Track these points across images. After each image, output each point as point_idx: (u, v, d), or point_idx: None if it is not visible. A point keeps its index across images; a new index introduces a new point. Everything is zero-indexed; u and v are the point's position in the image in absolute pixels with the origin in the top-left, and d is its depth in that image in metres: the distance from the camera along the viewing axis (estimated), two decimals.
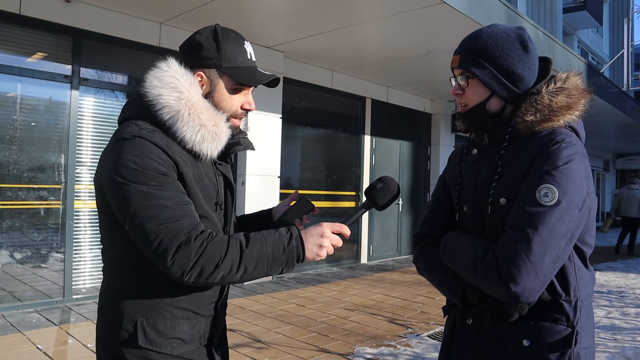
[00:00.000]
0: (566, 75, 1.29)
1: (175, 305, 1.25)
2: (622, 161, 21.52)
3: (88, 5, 5.03)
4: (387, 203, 1.41)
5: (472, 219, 1.35)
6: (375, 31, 5.86)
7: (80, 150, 5.13)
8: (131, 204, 1.13)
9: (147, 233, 1.12)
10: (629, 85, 15.01)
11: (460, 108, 1.38)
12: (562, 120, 1.24)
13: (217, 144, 1.26)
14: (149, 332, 1.22)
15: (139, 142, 1.16)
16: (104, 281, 1.33)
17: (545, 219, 1.12)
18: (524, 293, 1.12)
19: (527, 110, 1.25)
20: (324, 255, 1.24)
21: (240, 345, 3.94)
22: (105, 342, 1.27)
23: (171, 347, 1.24)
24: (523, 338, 1.23)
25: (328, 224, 1.26)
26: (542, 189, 1.14)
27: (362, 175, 8.45)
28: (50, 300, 4.93)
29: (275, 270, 1.20)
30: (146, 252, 1.15)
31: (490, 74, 1.28)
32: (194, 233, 1.14)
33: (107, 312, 1.28)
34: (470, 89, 1.31)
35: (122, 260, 1.26)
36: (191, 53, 1.29)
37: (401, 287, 6.55)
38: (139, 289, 1.24)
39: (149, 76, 1.25)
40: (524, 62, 1.28)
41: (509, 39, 1.29)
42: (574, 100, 1.25)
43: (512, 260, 1.12)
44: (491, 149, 1.33)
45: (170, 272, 1.12)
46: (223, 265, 1.13)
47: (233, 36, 1.30)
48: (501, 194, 1.24)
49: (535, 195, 1.14)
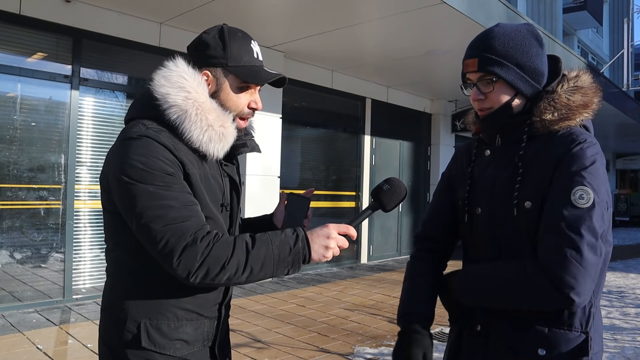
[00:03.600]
0: (576, 74, 1.28)
1: (179, 306, 1.25)
2: (622, 161, 21.51)
3: (88, 5, 5.03)
4: (394, 206, 1.39)
5: (487, 222, 1.30)
6: (375, 31, 5.86)
7: (80, 150, 5.13)
8: (138, 204, 1.12)
9: (154, 233, 1.12)
10: (629, 85, 15.01)
11: (480, 113, 1.31)
12: (579, 118, 1.23)
13: (223, 145, 1.26)
14: (152, 333, 1.21)
15: (145, 141, 1.16)
16: (108, 281, 1.32)
17: (587, 222, 1.10)
18: (584, 299, 1.11)
19: (546, 109, 1.23)
20: (330, 257, 1.23)
21: (240, 345, 3.94)
22: (108, 342, 1.27)
23: (174, 349, 1.24)
24: (538, 347, 1.20)
25: (334, 225, 1.25)
26: (577, 191, 1.12)
27: (362, 175, 8.45)
28: (50, 300, 4.93)
29: (282, 271, 1.19)
30: (152, 253, 1.15)
31: (514, 73, 1.24)
32: (200, 234, 1.13)
33: (110, 313, 1.27)
34: (496, 92, 1.26)
35: (125, 261, 1.26)
36: (197, 52, 1.28)
37: (401, 287, 6.53)
38: (142, 289, 1.23)
39: (156, 75, 1.24)
40: (541, 57, 1.27)
41: (524, 36, 1.26)
42: (589, 99, 1.25)
43: (565, 269, 1.09)
44: (507, 149, 1.29)
45: (176, 273, 1.12)
46: (229, 266, 1.13)
47: (240, 35, 1.29)
48: (526, 197, 1.20)
49: (570, 198, 1.12)
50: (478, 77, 1.27)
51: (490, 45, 1.25)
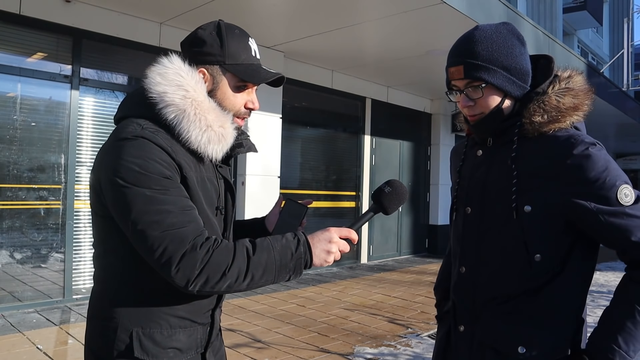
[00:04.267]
0: (568, 74, 1.27)
1: (172, 314, 1.20)
2: (622, 161, 21.48)
3: (88, 5, 5.03)
4: (396, 209, 1.37)
5: (477, 221, 1.31)
6: (375, 31, 5.86)
7: (80, 150, 5.13)
8: (133, 208, 1.06)
9: (151, 240, 1.06)
10: (629, 85, 15.01)
11: (471, 118, 1.29)
12: (569, 120, 1.23)
13: (222, 146, 1.21)
14: (145, 342, 1.16)
15: (141, 142, 1.10)
16: (95, 288, 1.25)
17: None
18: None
19: (535, 112, 1.22)
20: (332, 261, 1.20)
21: (240, 345, 3.94)
22: (97, 353, 1.21)
23: (168, 358, 1.19)
24: (518, 345, 1.21)
25: (335, 229, 1.21)
26: (621, 191, 1.14)
27: (362, 175, 8.45)
28: (50, 301, 4.93)
29: (283, 277, 1.15)
30: (149, 260, 1.09)
31: (502, 76, 1.22)
32: (199, 240, 1.08)
33: (99, 322, 1.21)
34: (485, 97, 1.24)
35: (116, 267, 1.19)
36: (193, 49, 1.23)
37: (401, 287, 6.55)
38: (134, 297, 1.18)
39: (151, 72, 1.18)
40: (525, 56, 1.26)
41: (505, 37, 1.25)
42: (580, 101, 1.24)
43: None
44: (499, 150, 1.28)
45: (175, 282, 1.07)
46: (230, 274, 1.09)
47: (237, 32, 1.24)
48: (525, 201, 1.20)
49: (618, 201, 1.14)
50: (465, 84, 1.25)
51: (474, 50, 1.23)
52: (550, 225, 1.19)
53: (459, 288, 1.36)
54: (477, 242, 1.31)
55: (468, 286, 1.32)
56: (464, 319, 1.33)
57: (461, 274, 1.35)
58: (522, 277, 1.22)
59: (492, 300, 1.26)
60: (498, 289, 1.25)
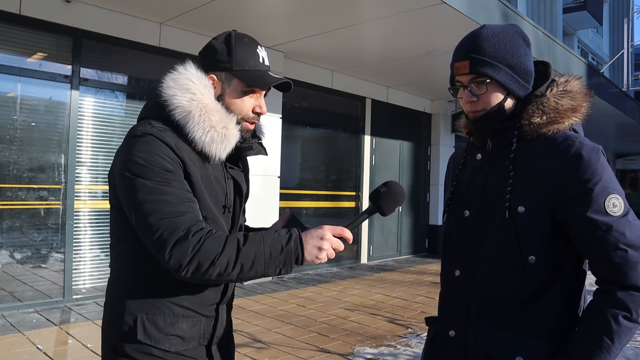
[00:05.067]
0: (565, 79, 1.29)
1: (176, 302, 1.27)
2: (622, 161, 21.52)
3: (88, 5, 5.03)
4: (392, 211, 1.37)
5: (475, 224, 1.31)
6: (375, 31, 5.86)
7: (80, 150, 5.13)
8: (136, 197, 1.17)
9: (149, 226, 1.16)
10: (629, 85, 15.02)
11: (473, 114, 1.30)
12: (568, 122, 1.24)
13: (225, 146, 1.28)
14: (148, 327, 1.24)
15: (149, 139, 1.21)
16: (111, 276, 1.36)
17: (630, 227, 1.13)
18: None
19: (534, 113, 1.23)
20: (324, 259, 1.22)
21: (240, 345, 3.94)
22: (109, 338, 1.30)
23: (169, 344, 1.26)
24: (515, 355, 1.20)
25: (329, 226, 1.24)
26: (610, 199, 1.13)
27: (362, 175, 8.45)
28: (50, 301, 4.93)
29: (273, 270, 1.20)
30: (147, 245, 1.19)
31: (506, 74, 1.24)
32: (193, 229, 1.16)
33: (111, 307, 1.32)
34: (488, 94, 1.26)
35: (127, 256, 1.30)
36: (205, 57, 1.34)
37: (401, 287, 6.55)
38: (141, 284, 1.27)
39: (166, 78, 1.30)
40: (529, 57, 1.28)
41: (512, 36, 1.27)
42: (578, 103, 1.25)
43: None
44: (498, 154, 1.29)
45: (168, 266, 1.15)
46: (219, 262, 1.15)
47: (246, 40, 1.33)
48: (519, 202, 1.20)
49: (604, 209, 1.13)
50: (469, 80, 1.27)
51: (480, 46, 1.25)
52: (543, 227, 1.19)
53: (451, 291, 1.36)
54: (473, 246, 1.30)
55: (462, 290, 1.32)
56: (455, 323, 1.32)
57: (455, 277, 1.34)
58: (516, 281, 1.21)
59: (487, 305, 1.26)
60: (492, 294, 1.25)
